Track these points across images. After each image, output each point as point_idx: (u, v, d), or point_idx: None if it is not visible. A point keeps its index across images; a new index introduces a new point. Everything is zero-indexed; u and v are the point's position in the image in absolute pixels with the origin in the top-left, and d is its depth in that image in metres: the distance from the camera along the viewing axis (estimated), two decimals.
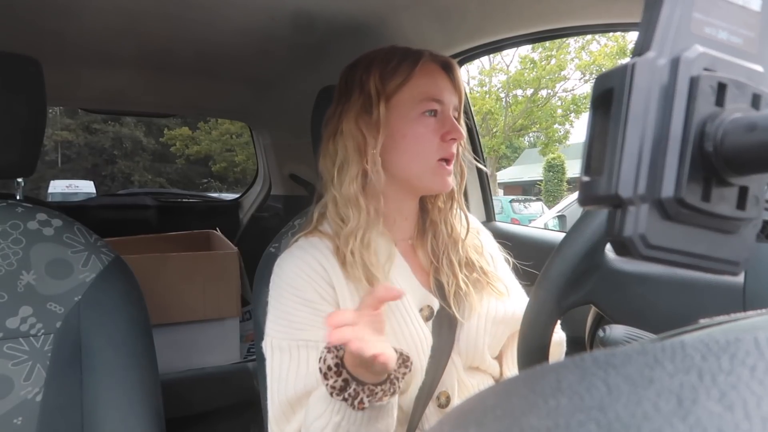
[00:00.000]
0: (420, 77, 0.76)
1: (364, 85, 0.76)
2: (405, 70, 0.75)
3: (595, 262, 0.66)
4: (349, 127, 0.75)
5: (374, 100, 0.75)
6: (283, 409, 0.71)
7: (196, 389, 1.53)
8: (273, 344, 0.73)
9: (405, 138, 0.76)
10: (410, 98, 0.75)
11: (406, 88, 0.75)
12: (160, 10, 1.12)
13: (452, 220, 0.84)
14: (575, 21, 1.04)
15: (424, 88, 0.76)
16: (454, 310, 0.77)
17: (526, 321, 0.68)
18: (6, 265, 0.83)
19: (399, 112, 0.76)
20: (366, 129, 0.75)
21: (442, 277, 0.80)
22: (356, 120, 0.75)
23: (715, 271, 0.23)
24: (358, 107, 0.75)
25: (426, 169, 0.76)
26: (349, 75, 0.79)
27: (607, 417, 0.14)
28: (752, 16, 0.23)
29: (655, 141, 0.21)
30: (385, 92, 0.75)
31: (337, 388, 0.61)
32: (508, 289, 0.82)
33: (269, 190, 2.39)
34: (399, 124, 0.76)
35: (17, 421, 0.79)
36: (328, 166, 0.78)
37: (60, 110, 13.32)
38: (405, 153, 0.76)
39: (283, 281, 0.75)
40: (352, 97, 0.77)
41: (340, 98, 0.80)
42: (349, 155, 0.75)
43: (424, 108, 0.75)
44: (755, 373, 0.14)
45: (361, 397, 0.61)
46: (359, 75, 0.77)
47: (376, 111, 0.74)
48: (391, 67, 0.76)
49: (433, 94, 0.76)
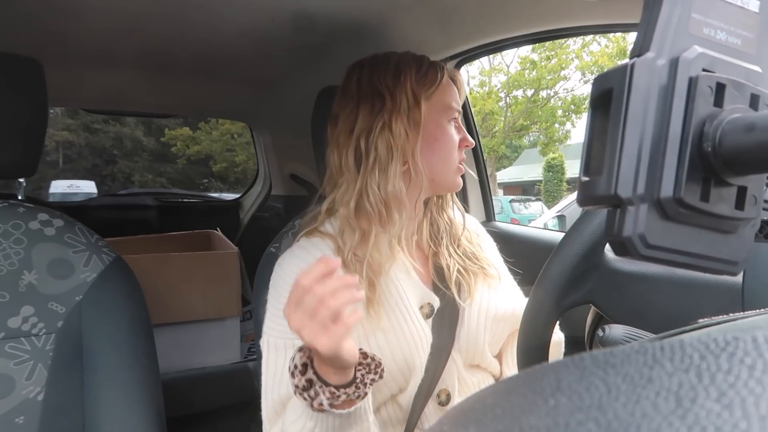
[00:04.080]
0: (446, 85, 0.80)
1: (404, 86, 0.77)
2: (435, 77, 0.79)
3: (594, 261, 0.66)
4: (396, 126, 0.76)
5: (412, 101, 0.77)
6: (276, 408, 0.71)
7: (196, 389, 1.53)
8: (269, 342, 0.73)
9: (437, 141, 0.79)
10: (440, 105, 0.80)
11: (437, 95, 0.79)
12: (160, 10, 1.12)
13: (450, 213, 0.88)
14: (575, 21, 1.04)
15: (449, 96, 0.81)
16: (454, 293, 0.79)
17: (525, 320, 0.68)
18: (8, 265, 0.83)
19: (432, 117, 0.79)
20: (409, 128, 0.77)
21: (441, 261, 0.82)
22: (398, 120, 0.76)
23: (713, 270, 0.23)
24: (403, 107, 0.76)
25: (450, 170, 0.81)
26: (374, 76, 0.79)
27: (606, 416, 0.14)
28: (751, 17, 0.23)
29: (654, 141, 0.21)
30: (423, 95, 0.78)
31: (300, 387, 0.61)
32: (499, 274, 0.86)
33: (270, 190, 2.39)
34: (432, 128, 0.79)
35: (19, 420, 0.79)
36: (350, 159, 0.77)
37: (61, 110, 13.31)
38: (435, 155, 0.79)
39: (282, 280, 0.75)
40: (386, 98, 0.77)
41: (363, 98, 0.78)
42: (392, 153, 0.76)
43: (451, 115, 0.81)
44: (754, 373, 0.14)
45: (321, 399, 0.60)
46: (391, 77, 0.77)
47: (418, 112, 0.77)
48: (423, 72, 0.79)
49: (454, 104, 0.81)
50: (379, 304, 0.73)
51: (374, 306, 0.73)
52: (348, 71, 0.83)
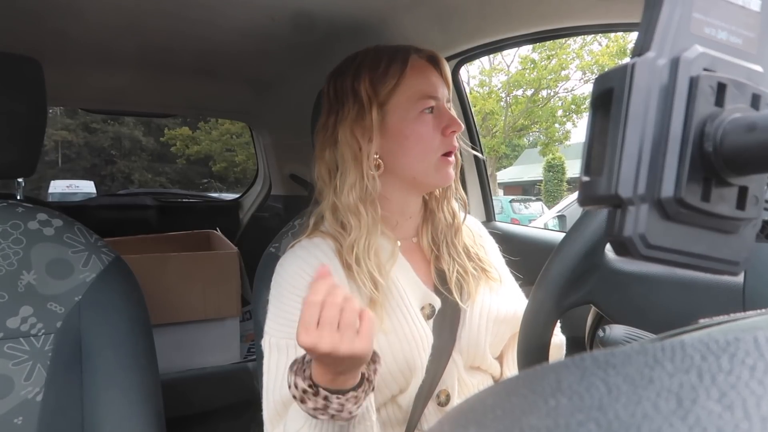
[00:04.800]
0: (411, 77, 0.76)
1: (356, 93, 0.76)
2: (395, 73, 0.75)
3: (594, 262, 0.66)
4: (345, 136, 0.75)
5: (367, 106, 0.74)
6: (278, 409, 0.70)
7: (196, 389, 1.53)
8: (271, 342, 0.73)
9: (407, 139, 0.76)
10: (406, 99, 0.76)
11: (400, 90, 0.75)
12: (160, 9, 1.12)
13: (452, 207, 0.85)
14: (575, 21, 1.04)
15: (417, 87, 0.76)
16: (456, 296, 0.78)
17: (525, 321, 0.68)
18: (6, 265, 0.83)
19: (397, 115, 0.76)
20: (361, 136, 0.75)
21: (443, 265, 0.81)
22: (351, 128, 0.75)
23: (714, 271, 0.23)
24: (354, 115, 0.75)
25: (430, 166, 0.77)
26: (338, 83, 0.79)
27: (606, 417, 0.14)
28: (752, 16, 0.23)
29: (655, 141, 0.21)
30: (377, 98, 0.75)
31: (320, 407, 0.59)
32: (501, 277, 0.84)
33: (269, 190, 2.39)
34: (399, 126, 0.76)
35: (18, 420, 0.79)
36: (324, 174, 0.78)
37: (60, 110, 13.31)
38: (408, 153, 0.76)
39: (284, 280, 0.75)
40: (344, 106, 0.76)
41: (332, 107, 0.79)
42: (346, 164, 0.75)
43: (422, 107, 0.76)
44: (755, 373, 0.14)
45: (348, 408, 0.59)
46: (349, 82, 0.77)
47: (369, 117, 0.74)
48: (380, 71, 0.75)
49: (427, 92, 0.76)
50: (381, 305, 0.73)
51: (377, 307, 0.73)
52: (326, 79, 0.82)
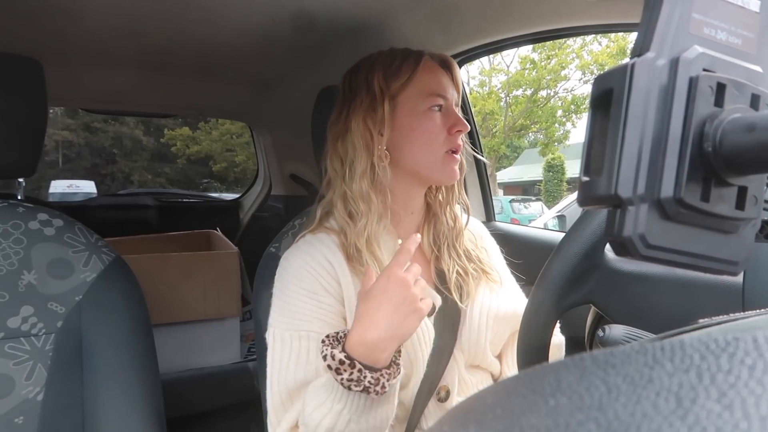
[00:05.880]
0: (423, 74, 0.79)
1: (370, 86, 0.79)
2: (408, 69, 0.78)
3: (594, 262, 0.66)
4: (357, 125, 0.78)
5: (379, 98, 0.78)
6: (282, 399, 0.71)
7: (196, 389, 1.53)
8: (275, 334, 0.74)
9: (414, 132, 0.78)
10: (416, 94, 0.78)
11: (411, 85, 0.78)
12: (160, 9, 1.12)
13: (454, 211, 0.87)
14: (575, 21, 1.04)
15: (428, 84, 0.79)
16: (455, 296, 0.79)
17: (525, 321, 0.68)
18: (7, 265, 0.83)
19: (406, 108, 0.78)
20: (373, 126, 0.78)
21: (443, 266, 0.82)
22: (364, 118, 0.78)
23: (714, 271, 0.23)
24: (366, 106, 0.78)
25: (435, 161, 0.79)
26: (353, 77, 0.82)
27: (606, 416, 0.14)
28: (751, 16, 0.23)
29: (655, 141, 0.21)
30: (389, 90, 0.78)
31: (354, 379, 0.62)
32: (501, 279, 0.86)
33: (269, 190, 2.39)
34: (407, 119, 0.78)
35: (18, 420, 0.79)
36: (336, 164, 0.80)
37: (61, 110, 13.29)
38: (414, 146, 0.79)
39: (288, 273, 0.76)
40: (357, 97, 0.79)
41: (345, 100, 0.82)
42: (357, 152, 0.78)
43: (431, 103, 0.78)
44: (754, 373, 0.14)
45: (382, 382, 0.62)
46: (363, 76, 0.80)
47: (381, 109, 0.77)
48: (394, 66, 0.79)
49: (437, 90, 0.79)
50: None
51: None
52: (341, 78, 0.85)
